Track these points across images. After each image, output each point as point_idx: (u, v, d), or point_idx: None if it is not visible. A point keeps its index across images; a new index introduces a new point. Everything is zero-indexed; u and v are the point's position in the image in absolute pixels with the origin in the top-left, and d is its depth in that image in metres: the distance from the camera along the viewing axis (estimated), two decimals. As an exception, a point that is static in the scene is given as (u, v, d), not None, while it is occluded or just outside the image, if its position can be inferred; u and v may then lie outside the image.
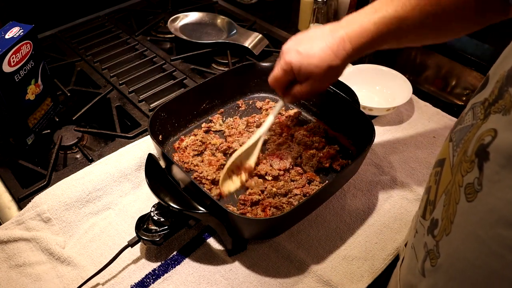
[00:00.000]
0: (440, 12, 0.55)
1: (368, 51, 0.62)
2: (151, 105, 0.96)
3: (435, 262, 0.36)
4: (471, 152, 0.31)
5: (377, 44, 0.60)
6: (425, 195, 0.42)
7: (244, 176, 0.73)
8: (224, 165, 0.74)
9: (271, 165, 0.76)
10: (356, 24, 0.59)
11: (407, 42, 0.62)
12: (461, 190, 0.32)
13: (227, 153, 0.79)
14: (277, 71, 0.66)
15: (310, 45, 0.61)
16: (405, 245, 0.52)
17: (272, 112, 0.74)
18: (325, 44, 0.60)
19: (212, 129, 0.84)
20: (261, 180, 0.73)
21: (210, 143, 0.81)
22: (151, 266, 0.66)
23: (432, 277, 0.37)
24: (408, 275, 0.43)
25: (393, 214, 0.73)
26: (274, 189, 0.71)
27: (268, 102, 0.90)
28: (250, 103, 0.90)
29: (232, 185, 0.72)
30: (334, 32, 0.60)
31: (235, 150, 0.77)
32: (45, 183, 0.77)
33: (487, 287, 0.30)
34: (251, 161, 0.74)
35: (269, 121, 0.74)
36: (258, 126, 0.85)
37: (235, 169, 0.73)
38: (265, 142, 0.82)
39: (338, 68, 0.62)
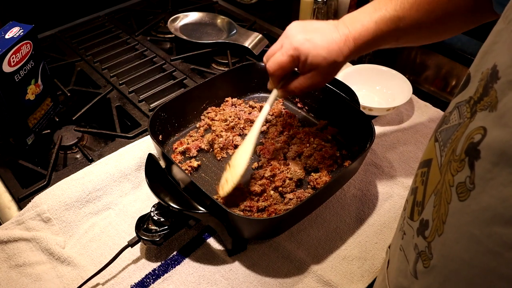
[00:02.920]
0: (436, 10, 0.56)
1: (366, 51, 0.63)
2: (151, 105, 0.96)
3: (428, 263, 0.35)
4: (461, 151, 0.31)
5: (377, 43, 0.61)
6: (411, 196, 0.41)
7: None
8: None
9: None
10: (359, 23, 0.59)
11: (406, 41, 0.63)
12: (452, 189, 0.31)
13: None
14: (282, 56, 0.61)
15: (319, 36, 0.60)
16: (389, 247, 0.52)
17: (268, 102, 0.70)
18: (333, 39, 0.60)
19: (212, 128, 0.84)
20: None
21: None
22: (151, 266, 0.66)
23: (426, 278, 0.36)
24: (399, 277, 0.43)
25: (393, 214, 0.73)
26: (268, 173, 0.72)
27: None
28: (250, 103, 0.90)
29: (226, 186, 0.67)
30: (339, 28, 0.60)
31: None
32: (45, 183, 0.77)
33: (484, 286, 0.30)
34: (243, 161, 0.68)
35: (263, 114, 0.70)
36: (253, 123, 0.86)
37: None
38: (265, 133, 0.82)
39: (340, 65, 0.63)
